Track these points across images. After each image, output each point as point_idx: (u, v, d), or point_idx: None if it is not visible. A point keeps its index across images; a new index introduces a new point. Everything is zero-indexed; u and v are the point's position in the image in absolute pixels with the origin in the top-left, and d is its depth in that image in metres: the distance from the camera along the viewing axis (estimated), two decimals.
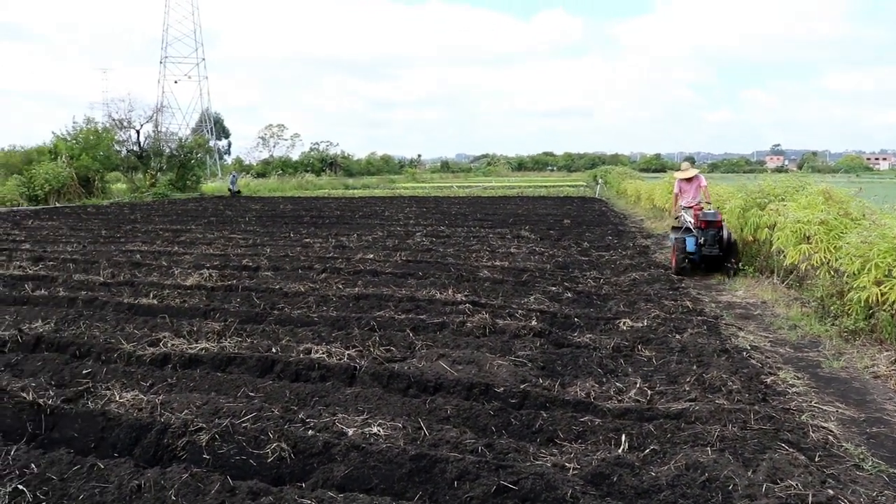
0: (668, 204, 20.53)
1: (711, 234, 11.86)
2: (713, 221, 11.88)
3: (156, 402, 5.38)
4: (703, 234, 11.92)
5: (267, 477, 4.30)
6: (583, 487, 3.98)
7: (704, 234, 11.90)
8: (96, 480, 4.09)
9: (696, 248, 11.98)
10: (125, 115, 41.46)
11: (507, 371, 6.19)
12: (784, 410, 5.46)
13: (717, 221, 11.89)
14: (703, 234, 11.93)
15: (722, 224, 12.03)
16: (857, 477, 4.36)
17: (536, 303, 9.08)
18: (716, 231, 11.89)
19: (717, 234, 11.88)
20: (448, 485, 4.05)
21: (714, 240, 11.87)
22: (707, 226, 11.89)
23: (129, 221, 21.86)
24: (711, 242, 11.87)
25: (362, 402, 5.45)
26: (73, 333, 7.52)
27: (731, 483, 4.05)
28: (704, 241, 11.89)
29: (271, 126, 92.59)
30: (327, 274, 11.18)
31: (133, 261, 12.66)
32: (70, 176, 34.35)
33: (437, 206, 28.96)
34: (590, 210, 27.04)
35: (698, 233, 12.04)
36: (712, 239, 11.86)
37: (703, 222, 11.93)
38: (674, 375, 6.24)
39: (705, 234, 11.89)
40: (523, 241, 16.21)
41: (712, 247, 11.87)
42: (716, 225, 11.90)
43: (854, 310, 7.86)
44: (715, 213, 12.03)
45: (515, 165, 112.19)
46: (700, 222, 11.98)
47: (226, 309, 8.56)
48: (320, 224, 20.97)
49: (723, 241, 11.92)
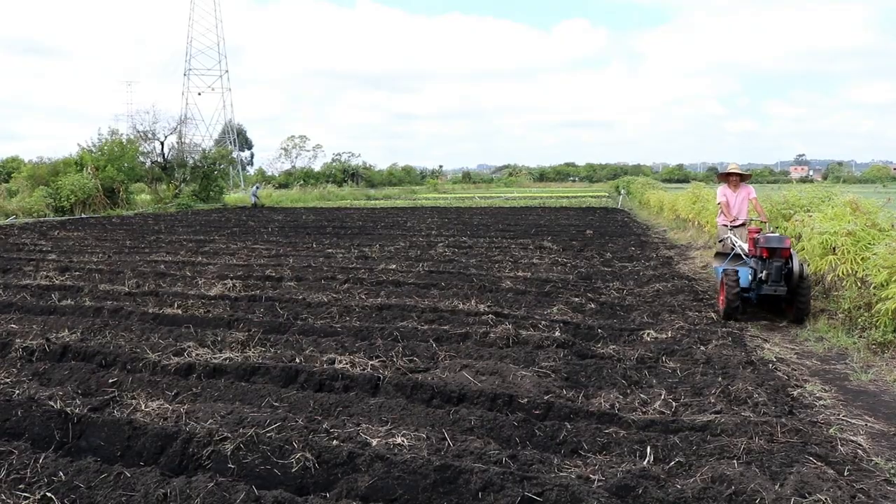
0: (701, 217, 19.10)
1: (776, 265, 8.96)
2: (779, 249, 9.09)
3: (181, 411, 5.42)
4: (765, 266, 9.09)
5: (291, 487, 4.31)
6: (608, 500, 3.95)
7: (766, 265, 9.09)
8: (123, 489, 4.12)
9: (754, 284, 9.24)
10: (149, 127, 41.87)
11: (530, 382, 6.16)
12: (811, 423, 5.40)
13: (783, 249, 9.09)
14: (763, 266, 9.12)
15: (791, 253, 9.16)
16: (888, 492, 4.30)
17: (559, 314, 9.06)
18: (782, 262, 9.03)
19: (783, 267, 9.01)
20: (472, 496, 4.03)
21: (779, 274, 8.97)
22: (770, 254, 9.10)
23: (154, 232, 22.06)
24: (776, 278, 8.96)
25: (386, 412, 5.45)
26: (99, 343, 7.59)
27: (758, 497, 4.01)
28: (767, 275, 9.01)
29: (293, 137, 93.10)
30: (350, 284, 11.22)
31: (157, 271, 12.77)
32: (95, 187, 34.71)
33: (459, 217, 28.97)
34: (612, 221, 26.94)
35: (757, 263, 9.27)
36: (777, 273, 8.96)
37: (764, 250, 9.14)
38: (699, 387, 6.19)
39: (767, 265, 9.06)
40: (546, 251, 16.17)
41: (777, 283, 8.96)
42: (782, 254, 9.09)
43: (882, 321, 7.76)
44: (781, 237, 9.24)
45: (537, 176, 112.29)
46: (760, 249, 9.22)
47: (249, 319, 8.60)
48: (342, 234, 21.04)
49: (792, 275, 9.00)
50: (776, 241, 9.15)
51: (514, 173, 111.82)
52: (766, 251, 9.13)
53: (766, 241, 9.17)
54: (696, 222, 20.06)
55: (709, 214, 17.94)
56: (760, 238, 9.31)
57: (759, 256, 9.23)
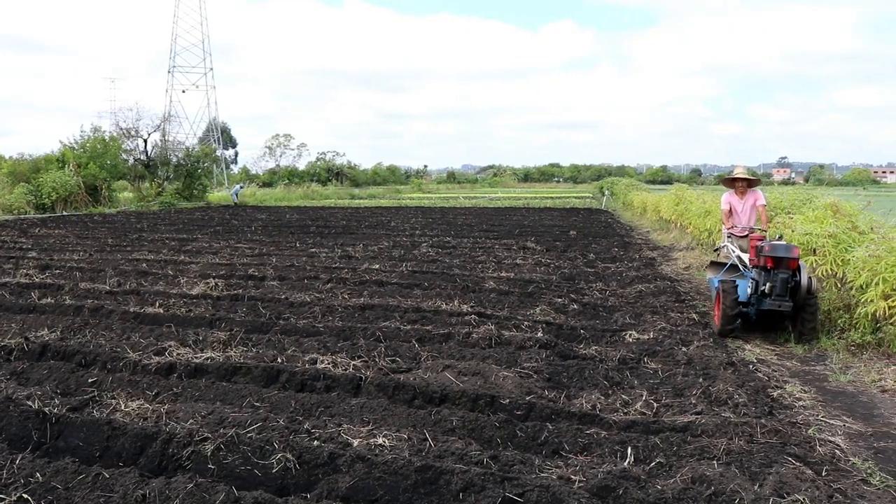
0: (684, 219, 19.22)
1: (782, 277, 7.88)
2: (786, 259, 7.96)
3: (161, 411, 5.39)
4: (769, 278, 8.02)
5: (272, 487, 4.29)
6: (588, 500, 3.96)
7: (770, 276, 8.01)
8: (101, 490, 4.08)
9: (754, 298, 8.29)
10: (132, 125, 41.64)
11: (512, 383, 6.17)
12: (791, 424, 5.44)
13: (791, 259, 7.97)
14: (767, 278, 8.04)
15: (800, 264, 8.11)
16: (864, 492, 4.34)
17: (542, 314, 9.07)
18: (789, 274, 7.94)
19: (789, 279, 7.94)
20: (453, 497, 4.03)
21: (785, 287, 7.89)
22: (776, 265, 7.98)
23: (136, 230, 21.92)
24: (781, 291, 7.89)
25: (367, 412, 5.44)
26: (79, 342, 7.53)
27: (738, 497, 4.03)
28: (771, 287, 7.93)
29: (278, 136, 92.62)
30: (333, 284, 11.19)
31: (139, 270, 12.68)
32: (77, 184, 34.42)
33: (443, 217, 28.98)
34: (596, 221, 27.03)
35: (759, 274, 8.21)
36: (782, 286, 7.88)
37: (768, 259, 8.05)
38: (680, 388, 6.22)
39: (772, 276, 7.98)
40: (529, 252, 16.20)
41: (782, 298, 7.90)
42: (789, 264, 7.96)
43: (861, 323, 7.84)
44: (789, 245, 8.13)
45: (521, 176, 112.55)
46: (764, 259, 8.11)
47: (231, 318, 8.56)
48: (326, 234, 20.99)
49: (799, 289, 8.02)
50: (783, 250, 8.02)
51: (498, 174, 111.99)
52: (770, 261, 8.02)
53: (772, 249, 8.04)
54: (678, 223, 20.16)
55: (691, 216, 18.06)
56: (765, 246, 8.18)
57: (763, 267, 8.12)
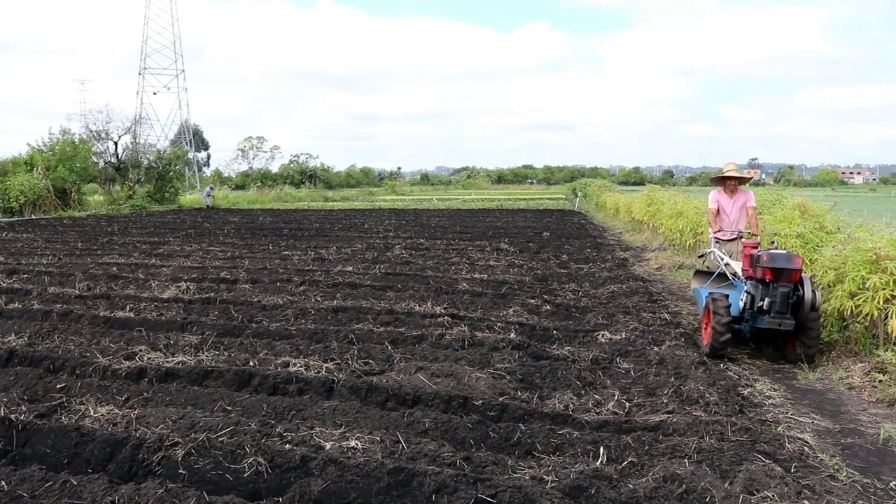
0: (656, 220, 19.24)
1: (783, 292, 6.95)
2: (787, 270, 7.02)
3: (131, 416, 5.33)
4: (767, 292, 7.10)
5: (243, 492, 4.26)
6: (561, 500, 3.98)
7: (769, 290, 7.08)
8: (69, 497, 4.03)
9: (748, 313, 7.43)
10: (103, 127, 41.19)
11: (485, 384, 6.18)
12: (761, 422, 5.50)
13: (794, 270, 7.01)
14: (765, 292, 7.12)
15: (802, 276, 7.13)
16: (831, 487, 4.41)
17: (515, 315, 9.09)
18: (790, 288, 7.00)
19: (791, 294, 7.00)
20: (426, 498, 4.03)
21: (786, 303, 6.96)
22: (775, 277, 7.05)
23: (106, 234, 21.66)
24: (782, 308, 6.96)
25: (340, 415, 5.43)
26: (48, 347, 7.43)
27: (709, 495, 4.07)
28: (770, 303, 7.01)
29: (251, 138, 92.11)
30: (306, 287, 11.14)
31: (109, 273, 12.54)
32: (46, 188, 33.96)
33: (417, 219, 28.96)
34: (569, 223, 27.15)
35: (755, 287, 7.32)
36: (783, 301, 6.95)
37: (767, 270, 7.09)
38: (652, 388, 6.26)
39: (771, 291, 7.05)
40: (502, 253, 16.23)
41: (783, 315, 6.96)
42: (791, 276, 7.03)
43: (829, 322, 7.93)
44: (790, 254, 7.14)
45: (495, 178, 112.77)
46: (762, 270, 7.17)
47: (203, 322, 8.49)
48: (299, 236, 20.89)
49: (803, 304, 7.01)
50: (783, 260, 7.03)
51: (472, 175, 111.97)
52: (769, 272, 7.08)
53: (771, 259, 7.06)
54: (651, 224, 20.30)
55: (663, 217, 18.18)
56: (762, 255, 7.19)
57: (761, 279, 7.22)
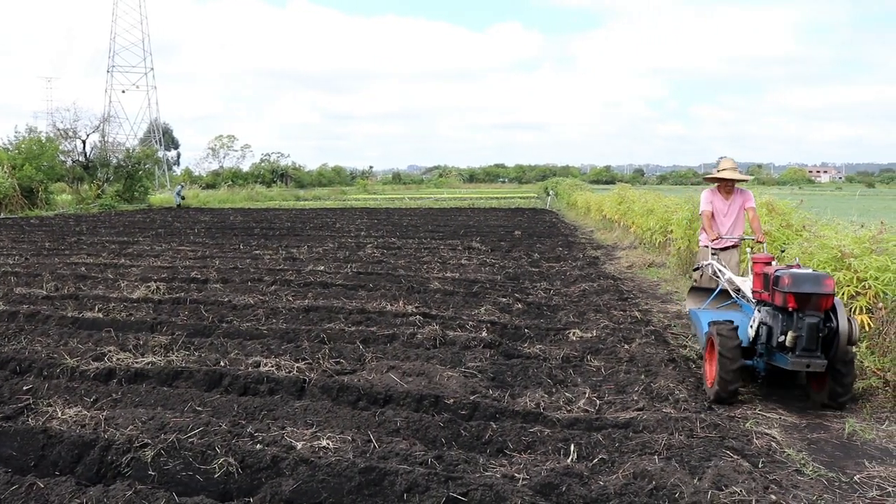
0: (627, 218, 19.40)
1: (810, 323, 5.46)
2: (815, 296, 5.48)
3: (100, 417, 5.27)
4: (791, 323, 5.57)
5: (214, 493, 4.24)
6: (532, 498, 4.00)
7: (794, 321, 5.55)
8: (35, 500, 3.99)
9: (763, 347, 5.94)
10: (70, 125, 40.73)
11: (457, 382, 6.19)
12: (729, 418, 5.57)
13: (825, 296, 5.48)
14: (787, 323, 5.61)
15: (835, 302, 5.56)
16: (798, 482, 4.48)
17: (487, 314, 9.11)
18: (820, 318, 5.51)
19: (821, 325, 5.51)
20: (397, 497, 4.03)
21: (815, 337, 5.47)
22: (801, 304, 5.51)
23: (75, 233, 21.39)
24: (810, 343, 5.47)
25: (311, 415, 5.41)
26: (14, 348, 7.33)
27: (678, 490, 4.11)
28: (795, 338, 5.47)
29: (221, 137, 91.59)
30: (277, 286, 11.08)
31: (78, 273, 12.39)
32: (12, 187, 33.46)
33: (389, 218, 28.91)
34: (540, 221, 27.25)
35: (773, 317, 5.81)
36: (812, 335, 5.47)
37: (790, 296, 5.51)
38: (622, 385, 6.31)
39: (796, 322, 5.53)
40: (474, 252, 16.26)
41: (811, 353, 5.48)
42: (822, 304, 5.51)
43: None
44: (818, 274, 5.57)
45: (467, 177, 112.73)
46: (783, 296, 5.58)
47: (173, 322, 8.43)
48: (270, 236, 20.78)
49: (837, 339, 5.48)
50: (811, 283, 5.48)
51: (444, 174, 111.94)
52: (792, 298, 5.51)
53: (794, 281, 5.49)
54: (621, 223, 20.45)
55: (634, 215, 18.31)
56: (783, 276, 5.58)
57: (781, 307, 5.66)
